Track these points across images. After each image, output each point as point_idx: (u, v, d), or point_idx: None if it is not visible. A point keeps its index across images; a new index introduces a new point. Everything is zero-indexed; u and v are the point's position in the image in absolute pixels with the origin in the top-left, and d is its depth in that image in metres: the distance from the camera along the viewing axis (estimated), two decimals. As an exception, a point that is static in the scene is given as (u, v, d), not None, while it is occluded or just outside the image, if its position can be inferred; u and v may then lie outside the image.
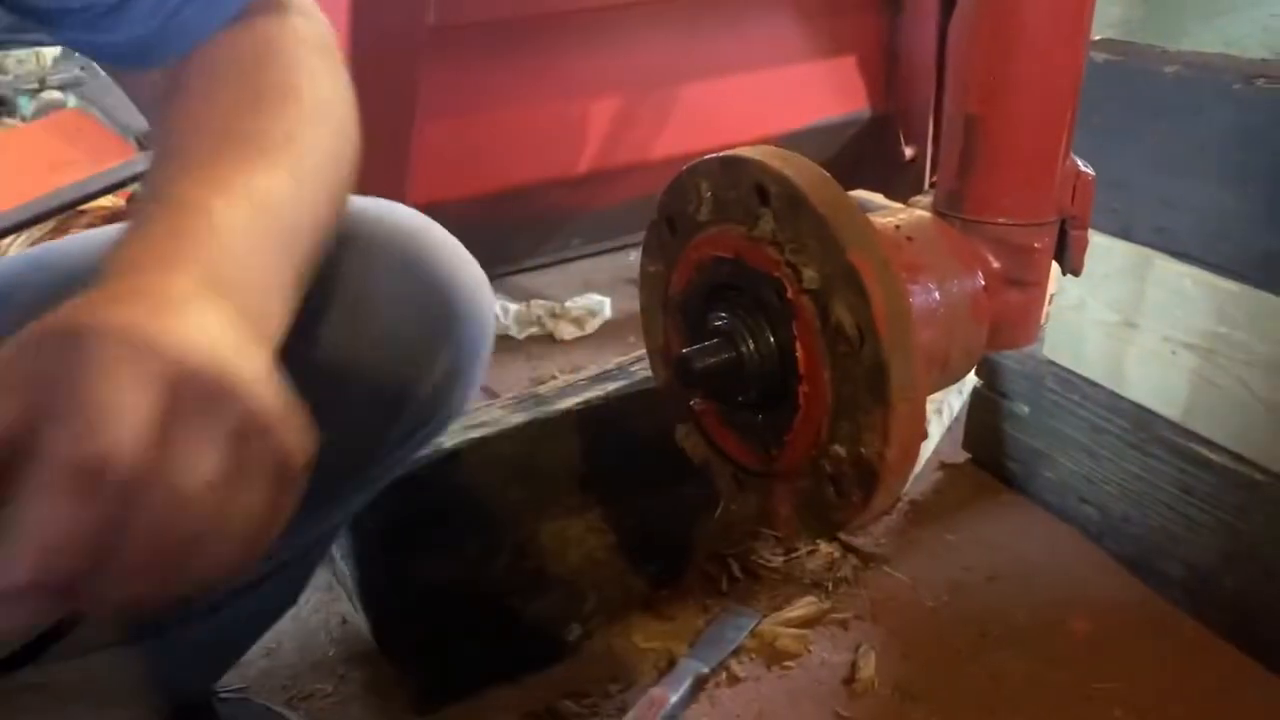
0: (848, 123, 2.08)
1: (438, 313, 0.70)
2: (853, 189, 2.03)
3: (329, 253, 0.57)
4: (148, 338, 0.39)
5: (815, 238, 0.55)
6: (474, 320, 0.73)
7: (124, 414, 0.37)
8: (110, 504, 0.37)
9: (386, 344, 0.67)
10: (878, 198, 1.95)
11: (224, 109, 0.57)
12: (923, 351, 0.61)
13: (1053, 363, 1.21)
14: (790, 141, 1.96)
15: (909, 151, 2.09)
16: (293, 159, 0.55)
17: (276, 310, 0.49)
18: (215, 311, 0.43)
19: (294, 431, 0.42)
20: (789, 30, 1.95)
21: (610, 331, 1.74)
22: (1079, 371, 1.19)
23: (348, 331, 0.66)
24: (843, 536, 1.21)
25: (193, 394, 0.39)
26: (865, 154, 2.11)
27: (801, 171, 0.56)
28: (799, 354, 0.57)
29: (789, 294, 0.57)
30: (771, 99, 1.97)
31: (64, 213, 1.78)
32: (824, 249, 0.55)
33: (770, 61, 1.94)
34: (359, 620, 1.07)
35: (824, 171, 0.57)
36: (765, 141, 1.89)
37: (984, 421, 1.34)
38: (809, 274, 0.56)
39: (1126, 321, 1.11)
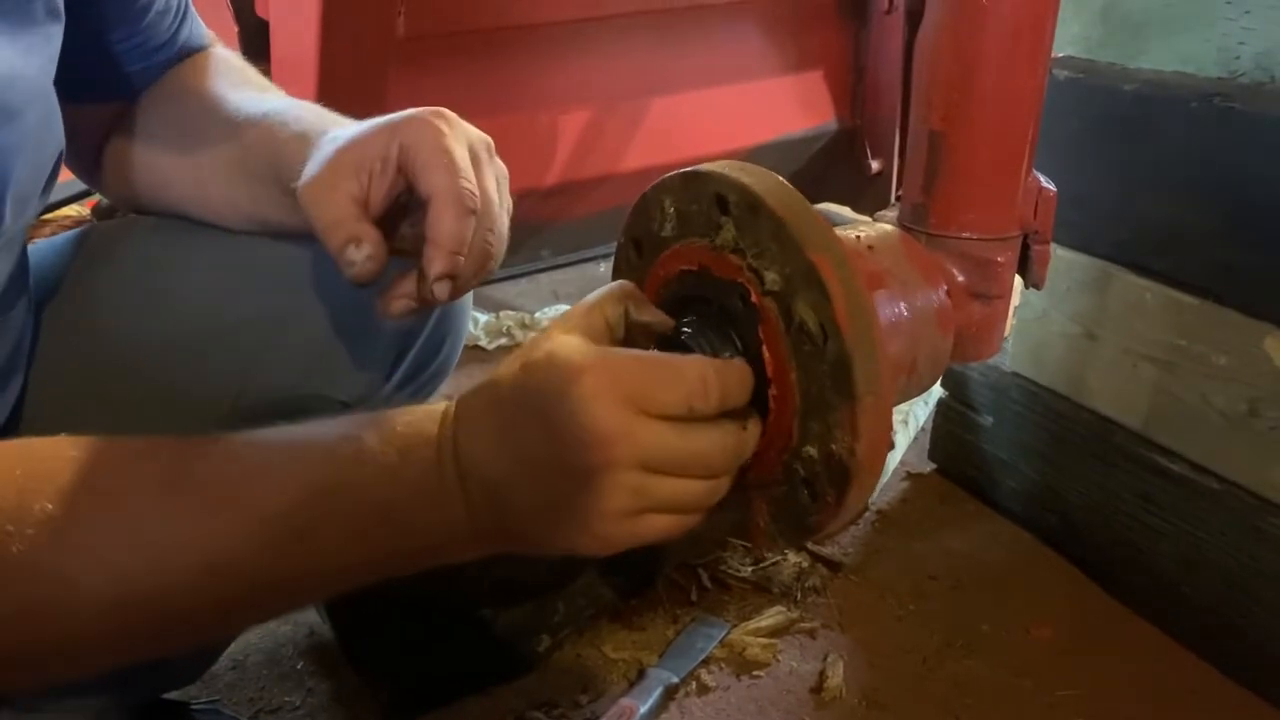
0: (815, 136, 2.10)
1: None
2: (820, 201, 2.06)
3: None
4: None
5: (775, 240, 0.56)
6: None
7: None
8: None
9: None
10: (845, 210, 1.98)
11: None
12: (889, 360, 0.62)
13: (1016, 374, 1.23)
14: (758, 154, 1.98)
15: (875, 165, 2.11)
16: None
17: None
18: None
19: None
20: (756, 45, 1.97)
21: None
22: (1042, 382, 1.21)
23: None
24: (811, 546, 1.22)
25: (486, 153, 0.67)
26: (832, 167, 2.13)
27: (759, 179, 0.57)
28: (766, 357, 0.58)
29: (752, 298, 0.58)
30: (739, 112, 1.98)
31: (27, 222, 1.76)
32: (784, 250, 0.56)
33: (738, 75, 1.96)
34: (327, 632, 1.07)
35: (781, 178, 0.58)
36: (733, 155, 1.91)
37: (949, 432, 1.35)
38: (770, 276, 0.57)
39: (1088, 334, 1.13)
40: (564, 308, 1.81)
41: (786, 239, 0.55)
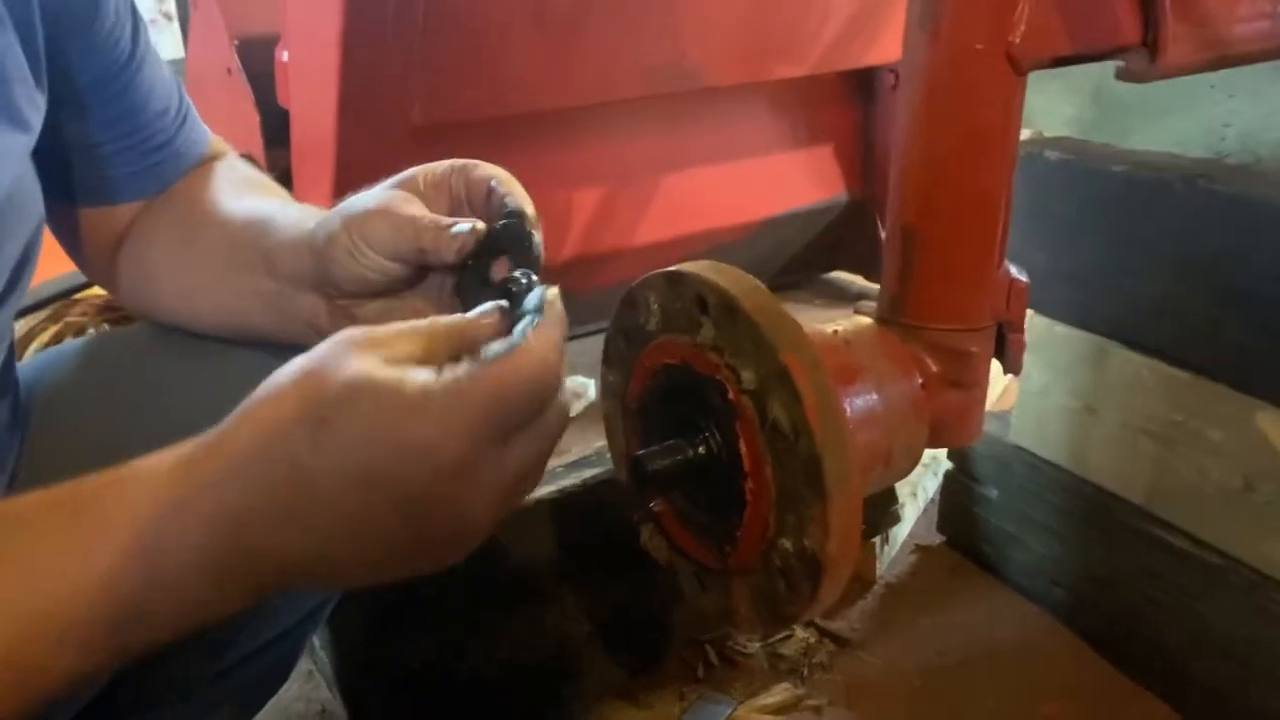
0: (826, 208, 2.12)
1: None
2: (833, 270, 2.06)
3: None
4: None
5: (750, 341, 0.59)
6: None
7: None
8: None
9: None
10: (857, 279, 1.99)
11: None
12: (863, 448, 0.64)
13: (1020, 447, 1.24)
14: (771, 226, 2.01)
15: (885, 234, 2.13)
16: None
17: None
18: None
19: None
20: (767, 122, 2.01)
21: (596, 413, 1.76)
22: (1044, 456, 1.21)
23: None
24: (818, 621, 1.22)
25: None
26: (844, 237, 2.15)
27: (736, 282, 0.60)
28: (743, 451, 0.60)
29: (730, 395, 0.60)
30: (751, 187, 2.01)
31: (58, 300, 1.82)
32: (758, 352, 0.58)
33: (749, 152, 2.00)
34: (338, 708, 1.08)
35: (757, 282, 0.61)
36: (746, 227, 1.92)
37: (957, 504, 1.36)
38: (747, 375, 0.59)
39: (1088, 408, 1.14)
40: (581, 379, 1.83)
41: (761, 340, 0.58)
